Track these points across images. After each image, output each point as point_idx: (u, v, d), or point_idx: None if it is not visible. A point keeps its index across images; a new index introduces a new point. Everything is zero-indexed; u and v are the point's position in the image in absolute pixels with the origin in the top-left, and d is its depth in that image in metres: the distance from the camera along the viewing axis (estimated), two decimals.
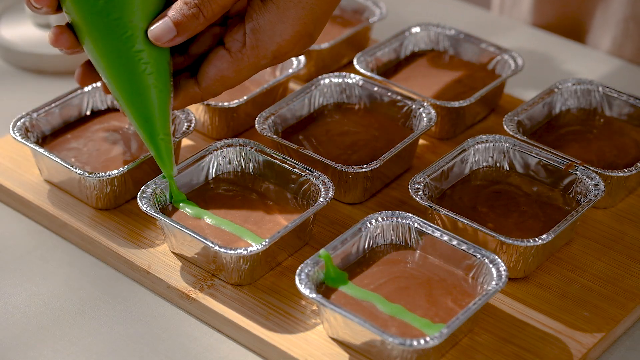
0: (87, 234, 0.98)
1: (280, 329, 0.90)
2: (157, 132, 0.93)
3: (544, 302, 0.92)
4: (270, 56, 0.91)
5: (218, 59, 0.91)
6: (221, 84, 0.92)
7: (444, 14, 1.33)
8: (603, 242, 0.98)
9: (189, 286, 0.93)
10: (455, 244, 0.91)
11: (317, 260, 0.89)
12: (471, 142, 1.02)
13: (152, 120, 0.92)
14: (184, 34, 0.89)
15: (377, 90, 1.09)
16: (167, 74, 0.92)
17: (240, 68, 0.91)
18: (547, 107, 1.09)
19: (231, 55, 0.91)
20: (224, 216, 0.96)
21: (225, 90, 0.93)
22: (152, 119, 0.92)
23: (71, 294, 0.95)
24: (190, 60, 0.94)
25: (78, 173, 0.98)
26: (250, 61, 0.91)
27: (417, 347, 0.82)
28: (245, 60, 0.91)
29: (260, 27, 0.90)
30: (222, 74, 0.91)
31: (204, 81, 0.92)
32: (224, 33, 0.92)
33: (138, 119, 0.92)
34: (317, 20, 0.90)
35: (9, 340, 0.91)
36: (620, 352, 0.91)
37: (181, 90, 0.93)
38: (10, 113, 1.10)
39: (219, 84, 0.92)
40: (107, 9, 0.88)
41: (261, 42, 0.90)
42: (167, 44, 0.90)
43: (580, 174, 0.98)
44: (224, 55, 0.91)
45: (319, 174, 0.97)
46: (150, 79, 0.90)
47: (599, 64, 1.26)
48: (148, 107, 0.91)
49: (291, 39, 0.90)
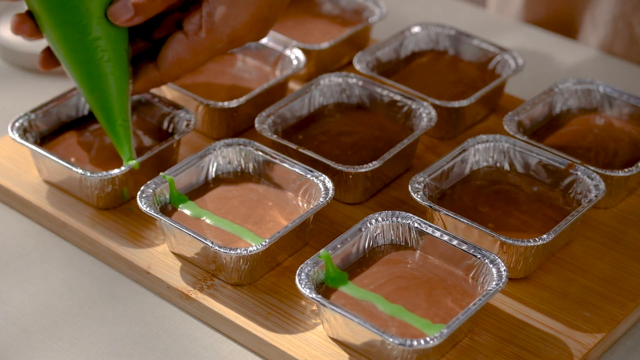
0: (87, 234, 0.98)
1: (280, 329, 0.90)
2: (116, 118, 0.96)
3: (544, 302, 0.92)
4: (226, 40, 0.94)
5: (176, 42, 0.94)
6: (179, 66, 0.95)
7: (444, 14, 1.33)
8: (603, 242, 0.98)
9: (188, 286, 0.93)
10: (455, 244, 0.91)
11: (317, 260, 0.89)
12: (471, 142, 1.02)
13: (110, 107, 0.95)
14: (142, 15, 0.92)
15: (377, 90, 1.09)
16: (125, 61, 0.95)
17: (197, 51, 0.94)
18: (547, 107, 1.09)
19: (188, 39, 0.94)
20: (224, 216, 0.96)
21: (184, 73, 0.96)
22: (110, 105, 0.95)
23: (71, 294, 0.95)
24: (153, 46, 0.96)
25: (79, 173, 0.98)
26: (207, 44, 0.94)
27: (417, 347, 0.82)
28: (202, 43, 0.94)
29: (215, 11, 0.93)
30: (179, 57, 0.95)
31: (162, 64, 0.95)
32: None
33: (97, 105, 0.95)
34: (272, 5, 0.93)
35: (9, 340, 0.91)
36: (620, 352, 0.91)
37: (141, 75, 0.96)
38: (9, 113, 1.10)
39: (176, 66, 0.95)
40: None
41: (217, 26, 0.94)
42: (125, 24, 0.93)
43: (581, 174, 0.98)
44: (182, 38, 0.94)
45: (319, 174, 0.97)
46: (108, 66, 0.94)
47: (599, 64, 1.26)
48: (106, 94, 0.95)
49: (246, 23, 0.93)
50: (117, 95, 0.95)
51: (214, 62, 1.16)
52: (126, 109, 0.96)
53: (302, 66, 1.12)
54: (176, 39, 0.94)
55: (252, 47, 1.16)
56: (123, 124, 0.96)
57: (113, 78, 0.94)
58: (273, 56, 1.15)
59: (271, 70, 1.15)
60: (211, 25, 0.93)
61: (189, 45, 0.94)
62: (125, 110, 0.96)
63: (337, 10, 1.25)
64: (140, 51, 0.98)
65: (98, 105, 0.95)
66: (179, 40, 0.94)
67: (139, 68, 0.97)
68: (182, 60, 0.95)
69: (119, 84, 0.95)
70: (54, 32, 0.94)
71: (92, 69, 0.94)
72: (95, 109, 0.96)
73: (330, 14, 1.24)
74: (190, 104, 1.08)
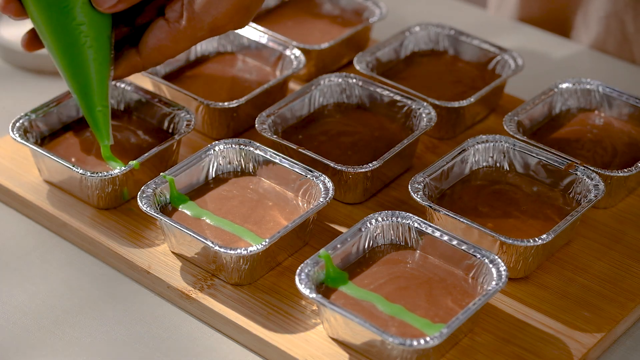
0: (87, 234, 0.98)
1: (280, 329, 0.90)
2: (95, 104, 0.97)
3: (544, 302, 0.92)
4: (207, 28, 0.95)
5: (157, 29, 0.95)
6: (160, 53, 0.96)
7: (444, 14, 1.33)
8: (603, 242, 0.98)
9: (189, 286, 0.93)
10: (455, 244, 0.91)
11: (317, 260, 0.89)
12: (471, 142, 1.02)
13: (90, 92, 0.96)
14: (125, 2, 0.94)
15: (377, 90, 1.09)
16: (108, 47, 0.96)
17: (178, 38, 0.95)
18: (547, 107, 1.09)
19: (169, 26, 0.95)
20: (224, 216, 0.96)
21: (165, 59, 0.97)
22: (90, 90, 0.96)
23: (71, 294, 0.95)
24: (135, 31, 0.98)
25: (79, 173, 0.98)
26: (188, 32, 0.95)
27: (417, 347, 0.82)
28: (182, 31, 0.95)
29: (196, 0, 0.93)
30: (160, 44, 0.96)
31: (144, 50, 0.96)
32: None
33: (77, 89, 0.96)
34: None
35: (9, 340, 0.91)
36: (620, 352, 0.91)
37: (123, 60, 0.97)
38: (10, 113, 1.10)
39: (157, 53, 0.96)
40: None
41: (197, 15, 0.94)
42: (108, 10, 0.94)
43: (580, 174, 0.98)
44: (163, 25, 0.95)
45: (319, 174, 0.97)
46: (91, 52, 0.95)
47: (599, 64, 1.26)
48: (87, 79, 0.96)
49: (227, 12, 0.94)
50: (97, 81, 0.96)
51: (214, 62, 1.16)
52: (106, 94, 0.97)
53: (302, 66, 1.12)
54: (158, 26, 0.95)
55: (252, 47, 1.16)
56: (102, 109, 0.97)
57: (95, 64, 0.95)
58: (273, 56, 1.15)
59: (271, 70, 1.15)
60: (192, 14, 0.94)
61: (170, 32, 0.95)
62: (105, 96, 0.97)
63: (337, 11, 1.25)
64: (123, 36, 0.99)
65: (79, 90, 0.97)
66: (160, 27, 0.95)
67: (121, 53, 0.98)
68: (163, 47, 0.96)
69: (101, 70, 0.96)
70: (39, 14, 0.94)
71: (74, 54, 0.95)
72: (75, 93, 0.97)
73: (330, 14, 1.24)
74: (190, 104, 1.08)
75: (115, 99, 1.09)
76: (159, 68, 1.13)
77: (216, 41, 1.17)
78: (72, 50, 0.95)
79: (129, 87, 1.08)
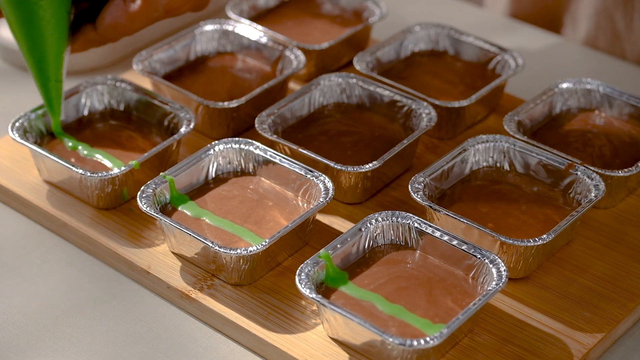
0: (87, 234, 0.98)
1: (280, 329, 0.90)
2: (50, 78, 0.99)
3: (544, 302, 0.92)
4: (162, 10, 0.97)
5: (114, 7, 0.96)
6: (115, 30, 0.97)
7: (444, 14, 1.33)
8: (603, 242, 0.98)
9: (188, 286, 0.93)
10: (455, 244, 0.91)
11: (317, 260, 0.89)
12: (471, 142, 1.02)
13: (46, 66, 0.98)
14: None
15: (377, 90, 1.09)
16: (66, 23, 0.97)
17: (133, 17, 0.96)
18: (547, 107, 1.09)
19: (125, 4, 0.96)
20: (224, 216, 0.96)
21: (121, 36, 0.98)
22: (46, 64, 0.98)
23: (71, 294, 0.95)
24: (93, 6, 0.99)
25: (79, 173, 0.98)
26: (142, 13, 0.96)
27: (417, 347, 0.82)
28: (138, 11, 0.96)
29: None
30: (115, 22, 0.96)
31: (100, 27, 0.97)
32: None
33: (33, 63, 0.98)
34: None
35: (9, 340, 0.91)
36: (620, 353, 0.91)
37: (80, 35, 0.99)
38: (9, 113, 1.10)
39: (113, 30, 0.97)
40: None
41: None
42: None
43: (581, 174, 0.98)
44: (119, 3, 0.96)
45: (319, 174, 0.97)
46: (49, 28, 0.96)
47: (600, 64, 1.26)
48: (44, 53, 0.97)
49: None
50: (54, 55, 0.98)
51: (214, 62, 1.16)
52: (61, 70, 0.99)
53: (302, 66, 1.12)
54: (115, 4, 0.96)
55: (252, 47, 1.16)
56: (56, 84, 0.99)
57: (52, 39, 0.97)
58: (273, 56, 1.15)
59: (271, 70, 1.15)
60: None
61: (126, 11, 0.96)
62: (59, 72, 0.99)
63: (337, 10, 1.25)
64: (82, 10, 0.99)
65: (34, 64, 0.98)
66: (116, 5, 0.96)
67: (79, 29, 0.99)
68: (118, 25, 0.97)
69: (57, 45, 0.98)
70: None
71: (32, 27, 0.96)
72: (31, 67, 0.99)
73: (330, 14, 1.24)
74: (190, 104, 1.08)
75: (115, 99, 1.09)
76: (159, 68, 1.13)
77: (216, 41, 1.17)
78: (31, 24, 0.96)
79: (129, 87, 1.08)
